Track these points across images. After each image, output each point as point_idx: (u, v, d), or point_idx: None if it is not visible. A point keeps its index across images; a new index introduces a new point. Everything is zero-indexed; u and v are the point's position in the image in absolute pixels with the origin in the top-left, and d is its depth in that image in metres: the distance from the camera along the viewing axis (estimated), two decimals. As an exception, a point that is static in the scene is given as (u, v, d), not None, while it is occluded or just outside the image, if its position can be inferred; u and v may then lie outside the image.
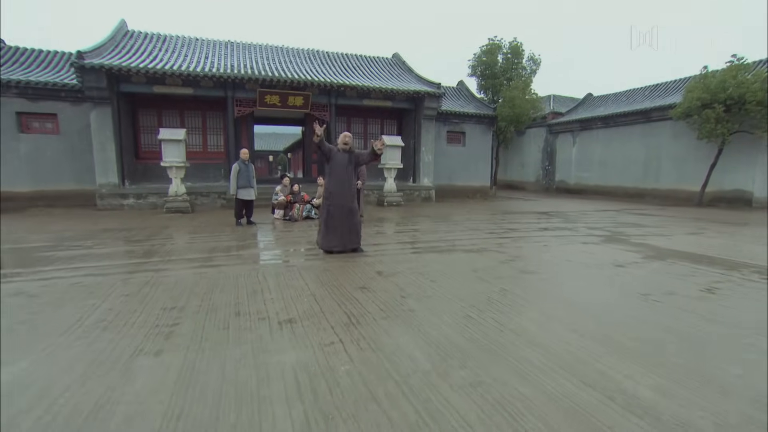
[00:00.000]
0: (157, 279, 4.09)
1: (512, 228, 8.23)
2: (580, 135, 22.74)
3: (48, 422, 1.76)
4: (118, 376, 2.15)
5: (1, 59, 12.41)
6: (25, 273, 4.31)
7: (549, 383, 2.13)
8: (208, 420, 1.79)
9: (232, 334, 2.74)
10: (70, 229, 7.64)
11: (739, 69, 13.53)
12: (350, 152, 5.38)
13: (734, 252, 5.94)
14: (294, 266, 4.72)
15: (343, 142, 5.39)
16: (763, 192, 14.57)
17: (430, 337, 2.73)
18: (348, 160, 5.35)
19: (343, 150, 5.36)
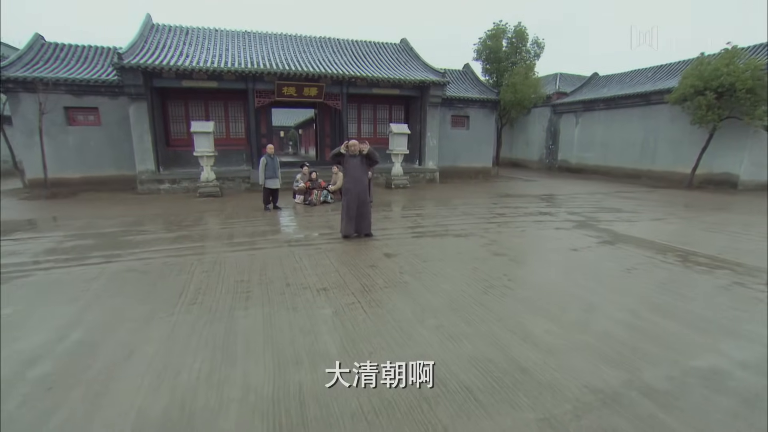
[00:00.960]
0: (221, 259, 5.59)
1: (500, 213, 9.55)
2: (582, 116, 23.41)
3: (201, 343, 3.25)
4: (229, 322, 3.64)
5: (43, 57, 13.70)
6: (124, 254, 5.84)
7: (484, 327, 3.56)
8: (287, 341, 3.26)
9: (288, 297, 4.22)
10: (127, 214, 9.19)
11: (732, 57, 14.15)
12: (360, 155, 6.64)
13: (679, 238, 7.22)
14: (321, 248, 6.18)
15: (349, 149, 6.57)
16: (748, 175, 15.50)
17: (416, 300, 4.17)
18: (360, 161, 6.64)
19: (353, 154, 6.60)
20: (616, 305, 4.09)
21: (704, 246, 6.58)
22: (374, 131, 17.44)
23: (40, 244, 6.44)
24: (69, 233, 7.19)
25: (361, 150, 6.57)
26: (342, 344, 3.24)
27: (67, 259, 5.57)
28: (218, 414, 2.39)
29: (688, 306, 4.11)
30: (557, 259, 5.85)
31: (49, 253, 5.87)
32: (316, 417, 2.34)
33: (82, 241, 6.60)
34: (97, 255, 5.80)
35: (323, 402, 2.48)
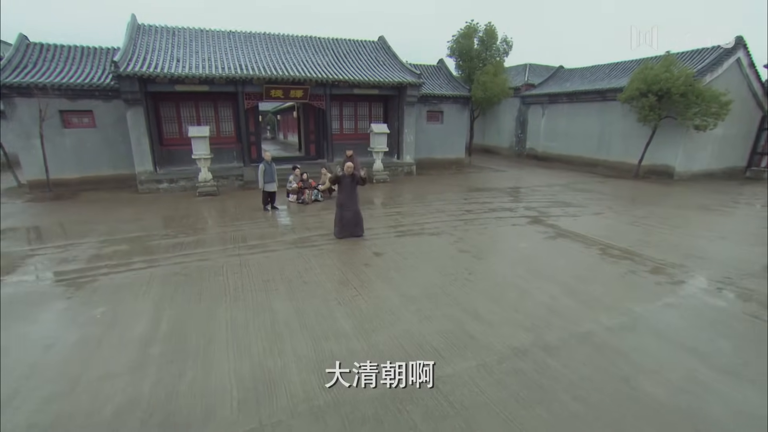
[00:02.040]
0: (244, 261, 6.99)
1: (468, 210, 11.22)
2: (548, 107, 25.24)
3: (256, 328, 4.73)
4: (270, 313, 5.12)
5: (30, 59, 14.09)
6: (160, 259, 7.13)
7: (448, 310, 5.18)
8: (315, 324, 4.78)
9: (307, 292, 5.72)
10: (141, 217, 10.31)
11: (669, 64, 16.08)
12: (353, 175, 8.06)
13: (607, 233, 9.08)
14: (323, 249, 7.66)
15: (345, 171, 8.00)
16: (682, 167, 17.82)
17: (400, 291, 5.75)
18: (352, 180, 8.07)
19: (348, 174, 8.02)
20: (541, 290, 5.82)
21: (622, 239, 8.47)
22: (355, 128, 18.66)
23: (83, 250, 7.62)
24: (101, 239, 8.35)
25: (353, 172, 8.01)
26: (353, 324, 4.80)
27: (117, 265, 6.83)
28: (284, 371, 3.92)
29: (589, 289, 5.89)
30: (508, 254, 7.57)
31: (98, 260, 7.10)
32: (345, 373, 3.90)
33: (118, 247, 7.81)
34: (138, 260, 7.08)
35: (348, 363, 4.04)
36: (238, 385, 3.70)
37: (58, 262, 6.99)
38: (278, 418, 3.29)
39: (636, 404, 3.50)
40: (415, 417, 3.31)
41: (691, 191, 14.97)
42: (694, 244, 8.30)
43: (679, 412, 3.42)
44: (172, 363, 4.03)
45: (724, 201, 13.30)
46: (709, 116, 15.76)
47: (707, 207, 12.23)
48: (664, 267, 6.88)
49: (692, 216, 11.04)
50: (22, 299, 5.53)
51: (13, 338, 4.50)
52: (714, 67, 16.71)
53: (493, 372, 3.93)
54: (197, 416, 3.30)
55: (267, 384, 3.71)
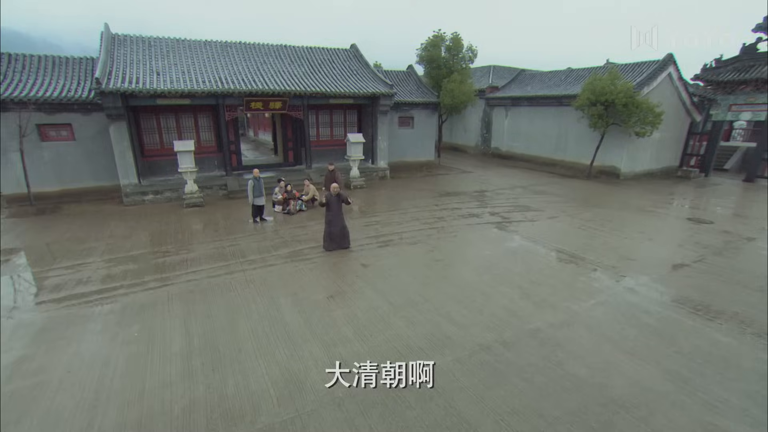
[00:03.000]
0: (249, 277, 7.95)
1: (440, 217, 12.55)
2: (511, 110, 27.03)
3: (277, 337, 5.79)
4: (283, 323, 6.18)
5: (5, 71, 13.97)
6: (171, 277, 7.96)
7: (428, 315, 6.45)
8: (322, 332, 5.90)
9: (311, 302, 6.80)
10: (135, 234, 10.90)
11: (614, 78, 18.02)
12: (338, 195, 9.14)
13: (559, 237, 10.67)
14: (316, 262, 8.72)
15: (334, 192, 9.07)
16: (626, 168, 20.04)
17: (388, 300, 6.96)
18: (338, 200, 9.14)
19: (335, 194, 9.09)
20: (502, 294, 7.21)
21: (571, 244, 10.07)
22: (331, 134, 19.55)
23: (93, 271, 8.29)
24: (105, 258, 9.00)
25: (338, 192, 9.10)
26: (353, 331, 5.96)
27: (132, 285, 7.61)
28: (307, 372, 5.03)
29: (539, 291, 7.34)
30: (475, 262, 8.94)
31: (112, 280, 7.83)
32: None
33: (126, 266, 8.53)
34: (151, 279, 7.88)
35: (356, 359, 5.21)
36: (273, 385, 4.79)
37: (75, 284, 7.67)
38: (310, 408, 4.43)
39: (565, 381, 4.91)
40: (410, 399, 4.54)
41: (633, 191, 17.08)
42: (628, 247, 10.03)
43: (594, 386, 4.85)
44: (214, 371, 5.05)
45: (658, 202, 15.40)
46: (647, 124, 17.88)
47: (643, 208, 14.21)
48: (600, 269, 8.48)
49: (630, 218, 12.91)
50: (60, 321, 6.28)
51: (71, 357, 5.33)
52: (650, 81, 18.85)
53: (465, 364, 5.23)
54: (248, 410, 4.38)
55: (295, 383, 4.83)
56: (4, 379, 4.91)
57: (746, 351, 5.64)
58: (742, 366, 5.28)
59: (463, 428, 4.17)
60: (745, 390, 4.80)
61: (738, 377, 5.05)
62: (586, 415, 4.36)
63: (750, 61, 18.58)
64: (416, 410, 4.41)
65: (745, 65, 18.69)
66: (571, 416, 4.35)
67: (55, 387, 4.76)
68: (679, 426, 4.23)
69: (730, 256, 9.44)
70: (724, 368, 5.22)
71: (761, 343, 5.83)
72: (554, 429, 4.18)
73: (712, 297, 7.29)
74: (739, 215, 13.45)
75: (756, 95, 18.59)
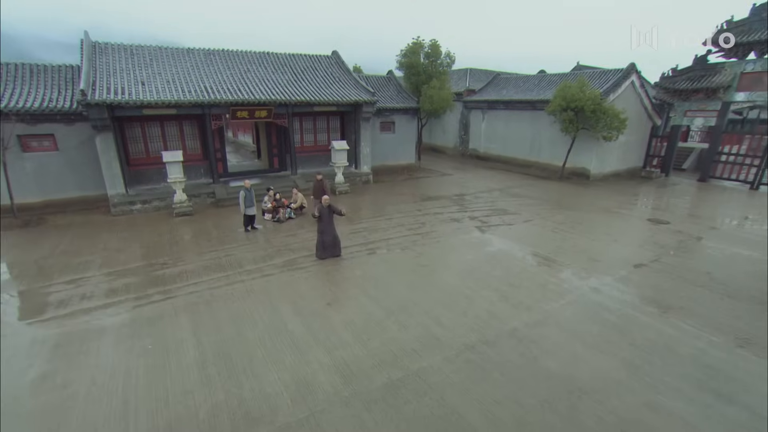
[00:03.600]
0: (249, 287, 8.45)
1: (423, 222, 13.30)
2: (488, 113, 28.09)
3: (287, 344, 6.38)
4: (287, 331, 6.76)
5: (-16, 82, 13.76)
6: (173, 290, 8.37)
7: (419, 319, 7.17)
8: (324, 337, 6.53)
9: (311, 310, 7.40)
10: (129, 246, 11.13)
11: (582, 85, 19.22)
12: (330, 207, 9.73)
13: (534, 240, 11.61)
14: (311, 271, 9.30)
15: (325, 204, 9.66)
16: (595, 169, 21.39)
17: (381, 305, 7.64)
18: (329, 211, 9.74)
19: (326, 206, 9.68)
20: (483, 298, 8.01)
21: (545, 246, 11.01)
22: (315, 140, 20.01)
23: (95, 285, 8.59)
24: (104, 272, 9.29)
25: (329, 204, 9.70)
26: (352, 336, 6.61)
27: (137, 298, 8.00)
28: (314, 375, 5.65)
29: (517, 294, 8.19)
30: (458, 267, 9.73)
31: (115, 294, 8.18)
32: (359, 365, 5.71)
33: (126, 280, 8.87)
34: (154, 292, 8.27)
35: (355, 365, 5.85)
36: (286, 388, 5.39)
37: (80, 299, 7.98)
38: (321, 407, 5.07)
39: (538, 374, 5.73)
40: (408, 395, 5.25)
41: (601, 192, 18.36)
42: (595, 248, 11.05)
43: (563, 377, 5.69)
44: (230, 378, 5.60)
45: (623, 203, 16.66)
46: (613, 129, 19.18)
47: (609, 210, 15.41)
48: (570, 271, 9.43)
49: (597, 219, 14.04)
50: (73, 336, 6.65)
51: (92, 370, 5.76)
52: (615, 88, 20.18)
53: (453, 362, 5.98)
54: (266, 411, 4.98)
55: (305, 385, 5.45)
56: (31, 393, 5.31)
57: (685, 340, 6.63)
58: (680, 353, 6.26)
59: (454, 417, 4.91)
60: (681, 373, 5.75)
61: (676, 362, 6.01)
62: (555, 402, 5.18)
63: (701, 71, 20.18)
64: (413, 404, 5.12)
65: (698, 75, 20.28)
66: (543, 403, 5.16)
67: (84, 398, 5.21)
68: (628, 405, 5.11)
69: (681, 256, 10.60)
70: (666, 355, 6.17)
71: (699, 332, 6.85)
72: (530, 415, 4.97)
73: (663, 294, 8.33)
74: (692, 215, 14.82)
75: (707, 102, 20.24)
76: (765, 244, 11.55)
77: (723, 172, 21.19)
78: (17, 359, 6.06)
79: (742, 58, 18.79)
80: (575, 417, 4.95)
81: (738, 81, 19.04)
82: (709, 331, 6.93)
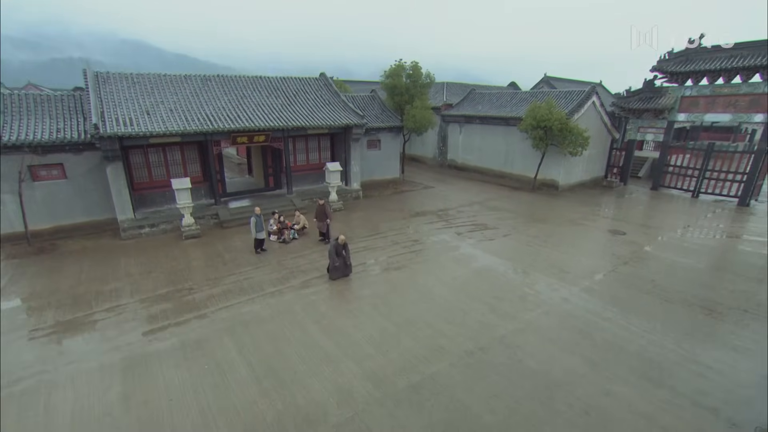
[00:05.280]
0: (274, 309, 9.74)
1: (415, 239, 14.90)
2: (465, 126, 30.08)
3: (319, 357, 7.79)
4: (320, 347, 8.16)
5: None
6: (208, 313, 9.56)
7: (426, 331, 8.73)
8: (349, 353, 7.98)
9: (334, 328, 8.81)
10: (150, 270, 12.13)
11: (550, 107, 21.38)
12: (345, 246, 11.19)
13: (512, 254, 13.42)
14: (328, 293, 10.68)
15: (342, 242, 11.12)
16: (563, 181, 23.71)
17: (392, 320, 9.15)
18: (342, 247, 11.17)
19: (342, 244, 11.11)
20: (475, 310, 9.68)
21: (522, 260, 12.84)
22: (307, 159, 21.27)
23: (134, 312, 9.65)
24: (137, 298, 10.33)
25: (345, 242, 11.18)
26: (374, 348, 8.08)
27: (178, 323, 9.14)
28: (351, 382, 7.09)
29: (502, 305, 9.90)
30: (451, 283, 11.36)
31: (156, 320, 9.29)
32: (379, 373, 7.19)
33: (161, 306, 9.96)
34: (191, 317, 9.44)
35: (380, 372, 7.33)
36: (330, 395, 6.83)
37: (126, 326, 9.05)
38: (361, 407, 6.54)
39: (523, 372, 7.42)
40: (426, 394, 6.80)
41: (568, 203, 20.59)
42: (564, 261, 12.97)
43: (542, 373, 7.39)
44: (283, 389, 6.97)
45: (587, 214, 18.88)
46: (578, 146, 21.46)
47: (576, 222, 17.53)
48: (545, 282, 11.26)
49: (566, 232, 16.07)
50: (135, 361, 7.78)
51: (165, 389, 6.97)
52: (579, 108, 22.53)
53: (457, 366, 7.58)
54: (320, 413, 6.40)
55: (345, 391, 6.90)
56: (122, 410, 6.50)
57: (632, 339, 8.54)
58: (629, 350, 8.14)
59: (462, 408, 6.51)
60: (628, 365, 7.61)
61: (626, 358, 7.87)
62: (537, 393, 6.87)
63: (650, 93, 22.85)
64: (431, 401, 6.68)
65: (647, 96, 22.94)
66: (528, 395, 6.84)
67: (168, 412, 6.46)
68: (590, 393, 6.87)
69: (634, 265, 12.69)
70: (618, 352, 8.03)
71: (642, 333, 8.77)
72: (519, 404, 6.63)
73: (618, 301, 10.28)
74: (644, 225, 17.15)
75: (655, 121, 22.94)
76: (699, 252, 13.87)
77: (671, 181, 23.99)
78: (95, 383, 7.18)
79: (681, 84, 21.50)
80: (552, 404, 6.65)
81: (679, 103, 21.78)
82: (650, 331, 8.87)
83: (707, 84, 20.71)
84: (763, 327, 9.23)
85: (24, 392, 6.92)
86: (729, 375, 7.51)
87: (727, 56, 19.77)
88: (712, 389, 7.10)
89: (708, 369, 7.66)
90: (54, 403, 6.67)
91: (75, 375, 7.39)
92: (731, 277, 11.93)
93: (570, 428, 6.19)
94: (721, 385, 7.20)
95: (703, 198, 22.19)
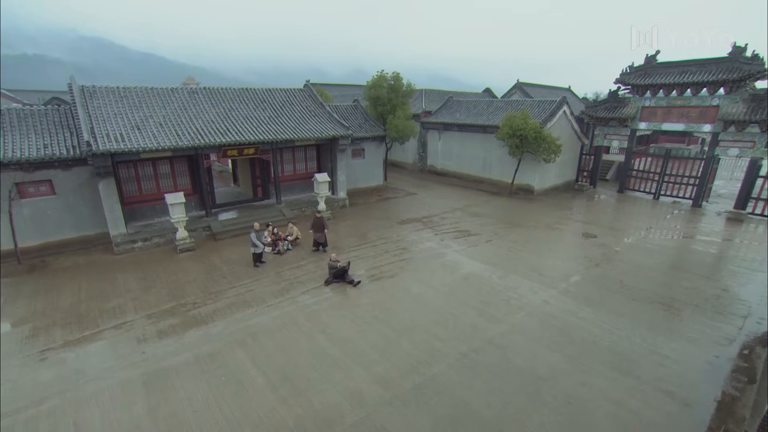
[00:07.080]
0: (279, 321, 10.35)
1: (404, 248, 15.75)
2: (443, 133, 31.23)
3: (326, 363, 8.49)
4: (328, 355, 8.86)
5: None
6: (216, 326, 10.05)
7: (424, 336, 9.58)
8: (357, 357, 8.73)
9: (339, 336, 9.53)
10: (150, 286, 12.43)
11: (525, 117, 22.74)
12: (343, 267, 11.92)
13: (494, 260, 14.48)
14: (328, 303, 11.35)
15: (334, 261, 11.84)
16: (538, 185, 25.20)
17: (392, 327, 9.95)
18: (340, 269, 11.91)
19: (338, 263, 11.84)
20: (466, 315, 10.61)
21: (504, 265, 13.92)
22: (294, 170, 21.78)
23: (143, 328, 10.01)
24: (142, 315, 10.67)
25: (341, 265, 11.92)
26: (378, 354, 8.86)
27: (190, 337, 9.60)
28: (361, 386, 7.85)
29: (489, 309, 10.89)
30: (441, 289, 12.28)
31: (166, 335, 9.71)
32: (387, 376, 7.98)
33: (168, 321, 10.36)
34: (200, 332, 9.92)
35: (386, 375, 8.12)
36: (344, 399, 7.55)
37: (138, 343, 9.44)
38: (372, 408, 7.30)
39: (512, 370, 8.39)
40: (429, 394, 7.64)
41: (543, 207, 22.00)
42: (542, 264, 14.14)
43: (526, 370, 8.38)
44: (299, 395, 7.64)
45: (561, 218, 20.29)
46: (551, 153, 22.93)
47: (551, 226, 18.87)
48: (526, 286, 12.34)
49: (542, 236, 17.33)
50: (153, 375, 8.24)
51: (187, 401, 7.50)
52: (551, 117, 24.05)
53: (454, 367, 8.47)
54: (336, 414, 7.12)
55: (357, 394, 7.65)
56: (151, 422, 7.00)
57: (603, 335, 9.70)
58: (601, 345, 9.29)
59: (462, 404, 7.39)
60: (601, 359, 8.74)
61: (600, 352, 8.99)
62: (525, 388, 7.85)
63: (615, 103, 24.67)
64: (434, 399, 7.53)
65: (612, 105, 24.75)
66: (518, 390, 7.80)
67: (194, 422, 7.01)
68: (570, 385, 7.91)
69: (604, 267, 14.02)
70: (592, 348, 9.15)
71: (612, 329, 9.95)
72: (510, 398, 7.58)
73: (590, 301, 11.47)
74: (612, 228, 18.69)
75: (620, 129, 24.78)
76: (660, 252, 15.41)
77: (635, 184, 25.94)
78: (118, 398, 7.61)
79: (641, 95, 23.37)
80: (539, 397, 7.64)
81: (640, 113, 23.66)
82: (619, 328, 10.08)
83: (663, 96, 22.62)
84: (709, 319, 10.62)
85: (52, 411, 7.28)
86: (683, 363, 8.75)
87: (679, 71, 21.71)
88: (669, 376, 8.30)
89: (666, 358, 8.89)
90: (83, 420, 7.09)
91: (98, 392, 7.79)
92: (686, 275, 13.43)
93: (555, 416, 7.18)
94: (676, 372, 8.42)
95: (663, 200, 24.17)
